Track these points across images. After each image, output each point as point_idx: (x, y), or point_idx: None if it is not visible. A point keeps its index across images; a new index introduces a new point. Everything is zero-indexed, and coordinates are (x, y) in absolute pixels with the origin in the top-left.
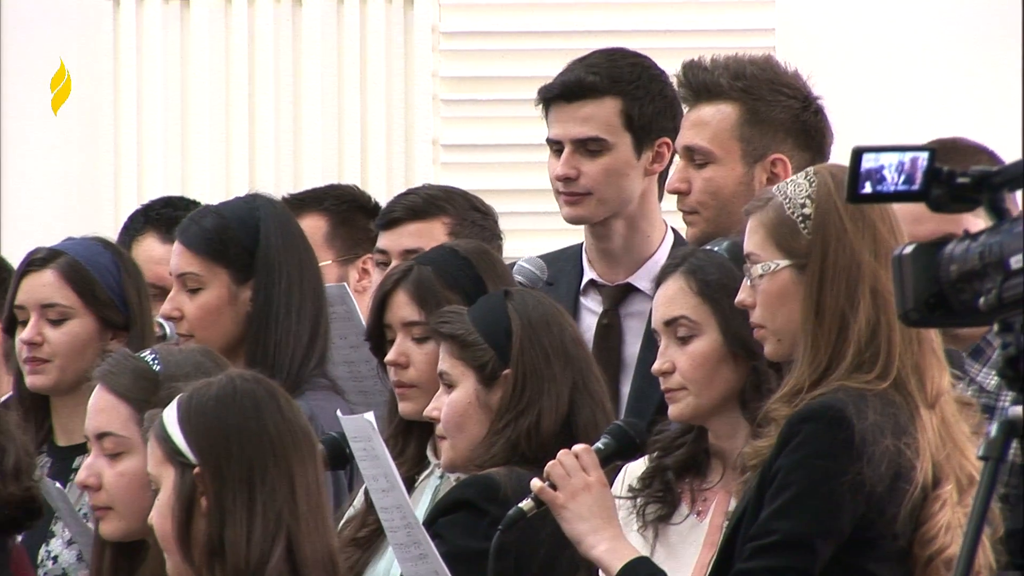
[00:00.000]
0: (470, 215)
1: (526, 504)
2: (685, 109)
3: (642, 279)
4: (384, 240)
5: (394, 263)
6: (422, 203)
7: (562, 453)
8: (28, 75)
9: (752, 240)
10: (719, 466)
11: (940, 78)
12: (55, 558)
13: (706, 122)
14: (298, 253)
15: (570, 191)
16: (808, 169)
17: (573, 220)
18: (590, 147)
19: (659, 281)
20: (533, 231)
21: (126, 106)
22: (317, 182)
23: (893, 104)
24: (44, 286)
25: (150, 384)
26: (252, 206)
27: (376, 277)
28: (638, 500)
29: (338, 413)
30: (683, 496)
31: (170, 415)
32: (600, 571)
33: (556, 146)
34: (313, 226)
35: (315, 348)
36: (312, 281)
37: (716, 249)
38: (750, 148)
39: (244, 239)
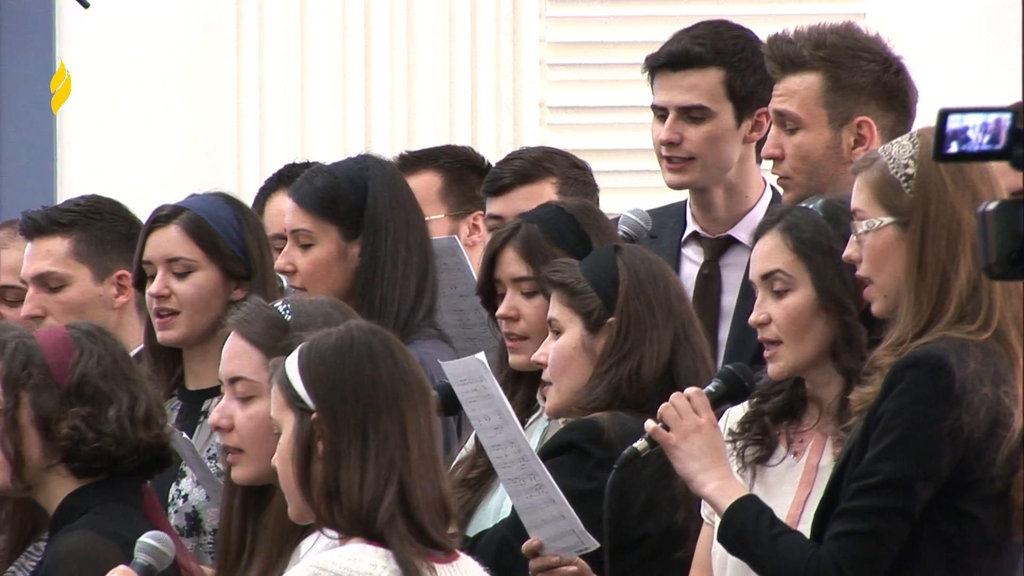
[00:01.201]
0: (572, 173)
1: (640, 444)
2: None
3: (742, 231)
4: (497, 205)
5: (497, 229)
6: (530, 167)
7: (675, 395)
8: (155, 42)
9: (859, 198)
10: (815, 411)
11: None
12: (185, 496)
13: (793, 91)
14: (405, 211)
15: (673, 155)
16: (912, 131)
17: (675, 185)
18: (693, 114)
19: (757, 236)
20: (635, 188)
21: (248, 71)
22: (430, 143)
23: (984, 64)
24: (169, 241)
25: (281, 332)
26: (362, 166)
27: (486, 236)
28: (738, 443)
29: (438, 361)
30: (780, 439)
31: (292, 362)
32: (702, 506)
33: (660, 112)
34: (428, 182)
35: (423, 300)
36: (419, 237)
37: (811, 207)
38: (835, 113)
39: (353, 198)
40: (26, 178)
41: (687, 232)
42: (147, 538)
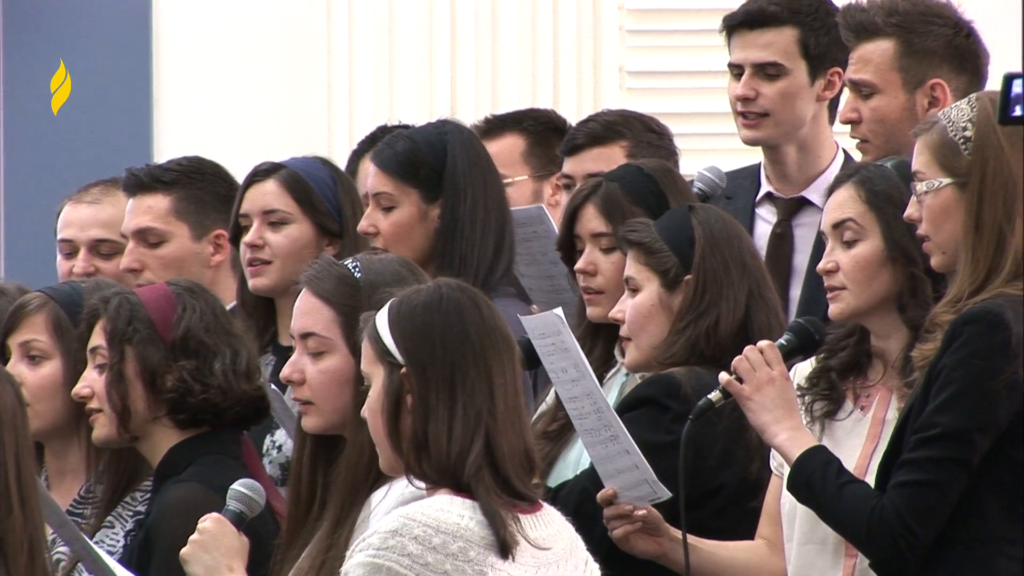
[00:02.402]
0: (646, 136)
1: (714, 395)
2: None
3: (814, 193)
4: (569, 165)
5: (578, 186)
6: (601, 130)
7: (748, 349)
8: (247, 10)
9: (919, 160)
10: (880, 366)
11: None
12: (279, 447)
13: (868, 58)
14: (483, 173)
15: (748, 110)
16: (971, 95)
17: (750, 141)
18: (768, 71)
19: (832, 189)
20: (711, 150)
21: (338, 39)
22: (512, 107)
23: None
24: (266, 194)
25: (351, 289)
26: (441, 131)
27: (563, 199)
28: (806, 398)
29: (518, 316)
30: (847, 394)
31: (382, 318)
32: (771, 458)
33: (736, 70)
34: (512, 144)
35: (500, 259)
36: (496, 198)
37: (886, 165)
38: (909, 77)
39: (433, 161)
40: (123, 142)
41: (761, 193)
42: (238, 486)
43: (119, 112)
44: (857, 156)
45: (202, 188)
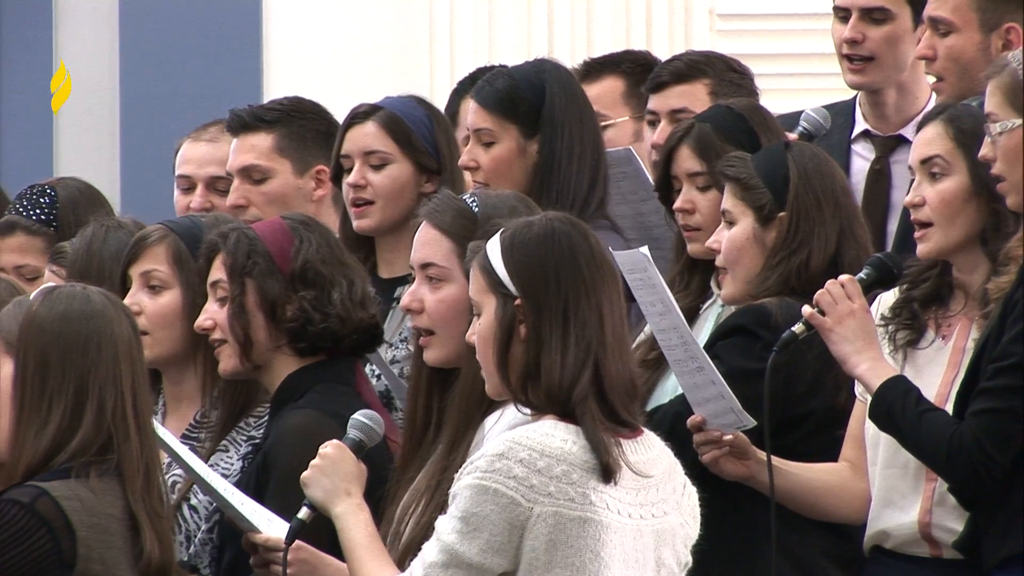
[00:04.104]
0: (728, 75)
1: (798, 328)
2: None
3: (911, 131)
4: (654, 102)
5: (663, 122)
6: (685, 68)
7: (829, 283)
8: None
9: (991, 101)
10: (961, 297)
11: None
12: (379, 376)
13: None
14: (579, 110)
15: (854, 53)
16: None
17: (855, 86)
18: (875, 16)
19: (920, 126)
20: (800, 90)
21: None
22: (607, 49)
23: None
24: (366, 135)
25: (469, 222)
26: (539, 69)
27: (647, 134)
28: (889, 327)
29: (611, 251)
30: (929, 323)
31: (494, 249)
32: (855, 384)
33: (842, 13)
34: (612, 86)
35: (595, 192)
36: (591, 134)
37: (972, 104)
38: (986, 18)
39: (531, 98)
40: (234, 82)
41: (857, 130)
42: (360, 416)
43: (231, 52)
44: None
45: (302, 126)
